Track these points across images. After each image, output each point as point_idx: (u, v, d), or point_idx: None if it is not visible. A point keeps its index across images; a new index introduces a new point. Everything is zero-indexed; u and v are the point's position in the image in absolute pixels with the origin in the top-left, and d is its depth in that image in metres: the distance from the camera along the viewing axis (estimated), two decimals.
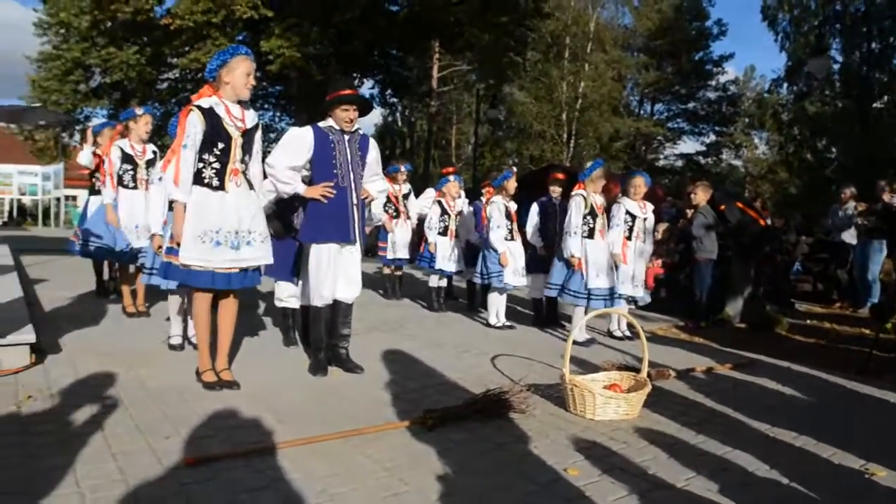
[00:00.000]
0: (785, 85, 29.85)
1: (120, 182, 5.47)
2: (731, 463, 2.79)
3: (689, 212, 6.93)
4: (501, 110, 23.76)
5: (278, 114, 22.95)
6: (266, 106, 21.99)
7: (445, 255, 6.99)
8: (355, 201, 4.00)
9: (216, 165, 3.42)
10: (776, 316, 6.99)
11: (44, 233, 21.07)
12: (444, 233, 7.06)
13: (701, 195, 6.84)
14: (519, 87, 30.36)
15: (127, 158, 5.50)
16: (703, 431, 3.19)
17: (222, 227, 3.40)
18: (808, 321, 7.58)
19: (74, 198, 26.22)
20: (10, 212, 28.71)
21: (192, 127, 3.36)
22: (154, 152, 5.73)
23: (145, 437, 2.74)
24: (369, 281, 6.89)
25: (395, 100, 25.75)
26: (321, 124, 4.00)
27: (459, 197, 7.42)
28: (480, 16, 16.62)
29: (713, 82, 34.70)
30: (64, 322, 5.04)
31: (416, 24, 16.49)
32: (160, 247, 3.90)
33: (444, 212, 7.13)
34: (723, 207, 7.02)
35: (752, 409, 3.62)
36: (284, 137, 4.06)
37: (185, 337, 4.48)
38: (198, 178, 3.42)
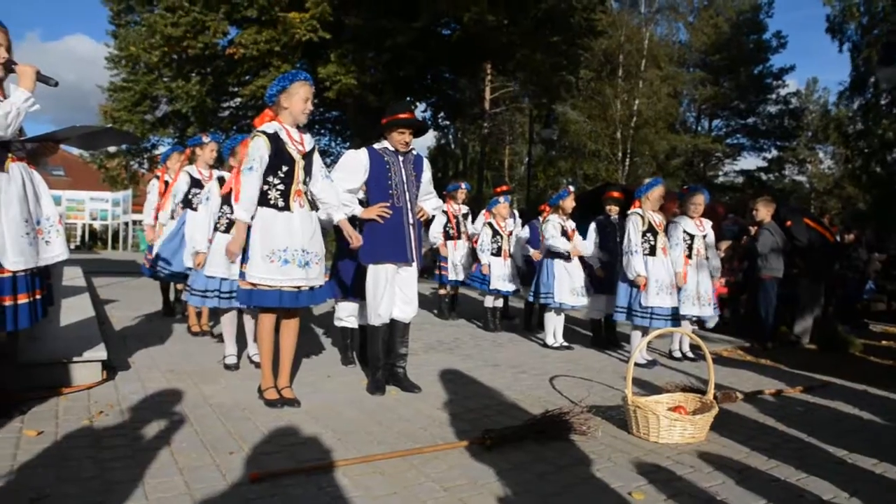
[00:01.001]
0: (851, 97, 28.66)
1: (189, 205, 5.70)
2: (807, 490, 2.65)
3: (753, 229, 6.71)
4: (555, 129, 23.62)
5: (334, 138, 23.43)
6: (322, 131, 22.48)
7: (500, 275, 6.95)
8: (411, 221, 4.03)
9: (281, 187, 3.52)
10: (848, 336, 6.67)
11: (113, 256, 22.04)
12: (497, 253, 7.04)
13: (763, 211, 6.62)
14: (572, 106, 30.14)
15: (195, 182, 5.74)
16: (774, 456, 3.05)
17: (289, 245, 3.49)
18: (884, 342, 7.20)
19: (141, 222, 27.24)
20: (82, 236, 30.12)
21: (256, 151, 3.46)
22: (219, 178, 5.92)
23: (210, 453, 2.80)
24: (424, 301, 6.90)
25: (447, 122, 25.95)
26: (376, 146, 4.07)
27: (512, 217, 7.40)
28: (532, 36, 16.57)
29: (773, 96, 33.60)
30: (133, 340, 5.23)
31: (467, 47, 16.58)
32: (199, 263, 4.37)
33: (495, 232, 7.11)
34: (790, 223, 6.77)
35: (828, 433, 3.45)
36: (341, 160, 4.15)
37: (239, 356, 4.58)
38: (264, 200, 3.51)
